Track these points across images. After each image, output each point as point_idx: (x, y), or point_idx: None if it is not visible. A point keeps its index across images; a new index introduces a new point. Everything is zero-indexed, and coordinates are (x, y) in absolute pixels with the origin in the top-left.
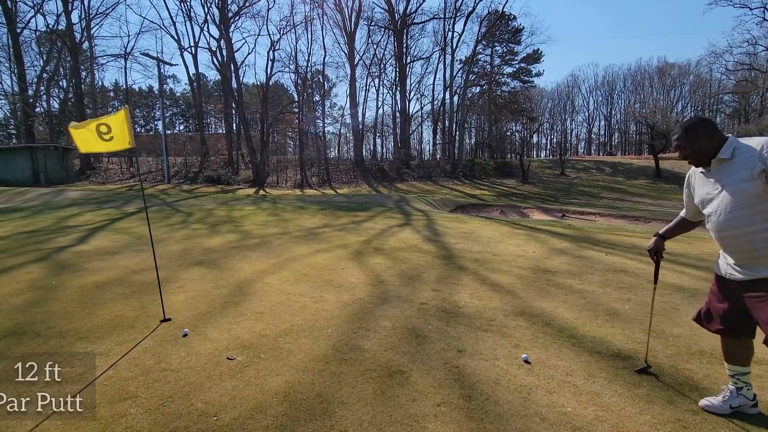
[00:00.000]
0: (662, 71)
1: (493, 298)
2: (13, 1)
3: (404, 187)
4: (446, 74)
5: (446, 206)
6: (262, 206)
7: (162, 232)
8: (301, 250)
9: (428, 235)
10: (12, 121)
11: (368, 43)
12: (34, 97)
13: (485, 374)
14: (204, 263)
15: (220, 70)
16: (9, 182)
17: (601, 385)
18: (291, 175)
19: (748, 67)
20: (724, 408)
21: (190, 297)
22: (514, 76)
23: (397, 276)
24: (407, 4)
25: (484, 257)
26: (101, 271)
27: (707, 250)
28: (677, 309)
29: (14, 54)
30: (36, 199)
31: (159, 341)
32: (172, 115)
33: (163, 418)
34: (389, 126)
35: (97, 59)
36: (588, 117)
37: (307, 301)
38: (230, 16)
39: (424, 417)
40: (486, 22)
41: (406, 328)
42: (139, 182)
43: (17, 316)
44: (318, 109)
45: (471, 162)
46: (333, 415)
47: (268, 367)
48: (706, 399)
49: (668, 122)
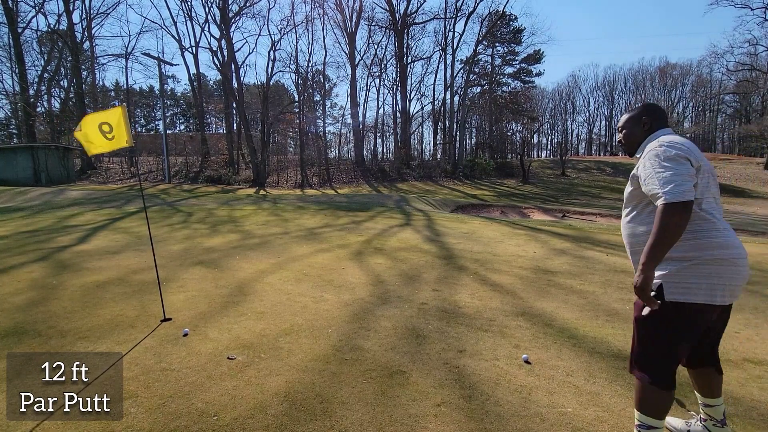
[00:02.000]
0: (664, 71)
1: (493, 298)
2: (14, 1)
3: (405, 187)
4: (447, 74)
5: (447, 206)
6: (263, 206)
7: (163, 231)
8: (302, 250)
9: (429, 235)
10: (13, 120)
11: (369, 43)
12: (35, 97)
13: (485, 374)
14: (204, 263)
15: (220, 69)
16: (10, 182)
17: (602, 386)
18: (291, 175)
19: (749, 67)
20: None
21: (190, 297)
22: (515, 77)
23: (397, 276)
24: (408, 4)
25: (485, 257)
26: (102, 270)
27: None
28: None
29: (15, 54)
30: (37, 198)
31: (159, 341)
32: (173, 115)
33: (164, 418)
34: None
35: (98, 59)
36: (589, 117)
37: (308, 301)
38: (231, 15)
39: (425, 417)
40: (487, 22)
41: (406, 328)
42: (140, 182)
43: (18, 315)
44: (318, 109)
45: (471, 162)
46: (333, 414)
47: (268, 366)
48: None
49: (669, 122)
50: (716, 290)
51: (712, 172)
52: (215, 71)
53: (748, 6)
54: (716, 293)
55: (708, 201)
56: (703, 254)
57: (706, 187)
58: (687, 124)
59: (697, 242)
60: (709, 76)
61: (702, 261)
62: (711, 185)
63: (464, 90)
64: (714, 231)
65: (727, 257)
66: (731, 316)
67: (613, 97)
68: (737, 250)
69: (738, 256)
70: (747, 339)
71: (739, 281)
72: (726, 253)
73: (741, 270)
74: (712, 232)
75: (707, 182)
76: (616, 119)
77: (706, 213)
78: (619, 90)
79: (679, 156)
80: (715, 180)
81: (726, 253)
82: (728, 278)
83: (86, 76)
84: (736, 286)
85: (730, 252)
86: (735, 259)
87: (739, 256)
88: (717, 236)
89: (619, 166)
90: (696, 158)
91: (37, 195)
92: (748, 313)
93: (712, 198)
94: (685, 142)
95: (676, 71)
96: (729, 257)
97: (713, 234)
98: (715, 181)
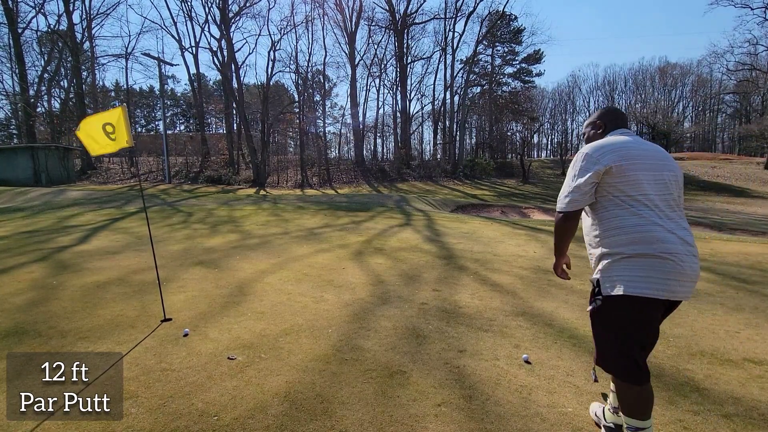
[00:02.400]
0: (664, 71)
1: (493, 298)
2: (14, 2)
3: (405, 187)
4: (447, 74)
5: (447, 206)
6: (263, 206)
7: (163, 231)
8: (302, 250)
9: (429, 235)
10: (13, 121)
11: (369, 43)
12: (35, 97)
13: (486, 374)
14: (204, 263)
15: (220, 70)
16: (10, 182)
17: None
18: (292, 175)
19: (749, 67)
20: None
21: (190, 297)
22: (515, 76)
23: (397, 276)
24: (408, 4)
25: (485, 257)
26: (102, 270)
27: (707, 250)
28: (678, 309)
29: (15, 54)
30: (37, 198)
31: (160, 341)
32: (173, 115)
33: (164, 418)
34: (390, 126)
35: (98, 59)
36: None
37: (308, 301)
38: (231, 16)
39: (425, 417)
40: (487, 22)
41: (406, 328)
42: (140, 182)
43: (18, 315)
44: (318, 109)
45: (471, 162)
46: (333, 415)
47: (268, 366)
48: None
49: (669, 122)
50: (640, 284)
51: (660, 173)
52: (215, 71)
53: (748, 6)
54: (643, 286)
55: (640, 196)
56: (627, 249)
57: (638, 182)
58: (687, 123)
59: (622, 238)
60: (709, 75)
61: (626, 256)
62: (646, 183)
63: (464, 90)
64: (640, 227)
65: (652, 252)
66: (731, 315)
67: (614, 97)
68: (667, 245)
69: (666, 250)
70: (747, 339)
71: (674, 276)
72: (651, 248)
73: (672, 265)
74: (637, 228)
75: (638, 180)
76: None
77: (636, 209)
78: (619, 90)
79: (587, 166)
80: (662, 178)
81: (651, 248)
82: (656, 272)
83: (86, 76)
84: (668, 281)
85: (655, 247)
86: (663, 254)
87: (668, 251)
88: (643, 231)
89: None
90: (613, 160)
91: (37, 195)
92: (749, 313)
93: (646, 195)
94: (607, 146)
95: (676, 71)
96: (654, 252)
97: (638, 230)
98: (657, 178)
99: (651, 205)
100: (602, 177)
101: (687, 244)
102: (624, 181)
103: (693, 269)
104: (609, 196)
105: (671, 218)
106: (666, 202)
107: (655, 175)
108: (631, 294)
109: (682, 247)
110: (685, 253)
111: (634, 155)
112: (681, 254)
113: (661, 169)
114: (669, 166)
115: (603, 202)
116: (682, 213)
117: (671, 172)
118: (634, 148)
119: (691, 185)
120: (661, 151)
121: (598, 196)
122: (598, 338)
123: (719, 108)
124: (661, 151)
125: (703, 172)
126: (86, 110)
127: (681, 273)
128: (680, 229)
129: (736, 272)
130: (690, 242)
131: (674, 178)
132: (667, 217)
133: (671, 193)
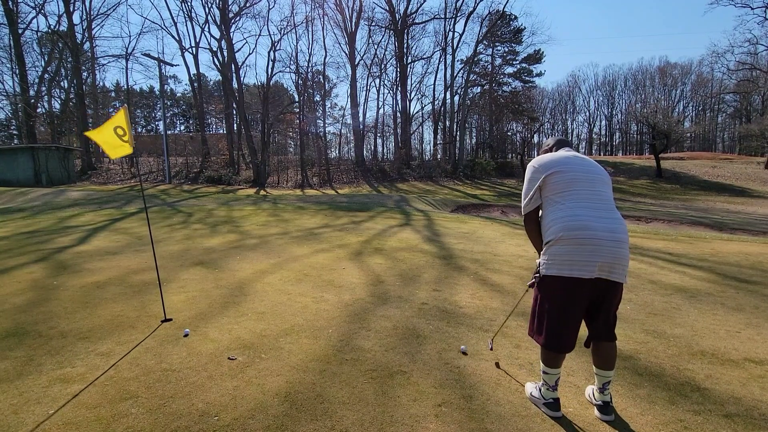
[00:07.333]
0: (664, 71)
1: (493, 298)
2: (14, 2)
3: (405, 187)
4: (447, 74)
5: (447, 206)
6: (263, 206)
7: (162, 232)
8: (302, 250)
9: (428, 236)
10: (14, 121)
11: (369, 43)
12: (35, 98)
13: (486, 374)
14: (204, 263)
15: (220, 70)
16: (10, 182)
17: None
18: (292, 175)
19: (749, 66)
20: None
21: (190, 297)
22: (515, 76)
23: (397, 276)
24: (408, 4)
25: (485, 257)
26: (102, 271)
27: (708, 250)
28: (678, 309)
29: (16, 55)
30: (37, 199)
31: (160, 341)
32: (173, 116)
33: (164, 418)
34: (390, 126)
35: (98, 60)
36: (589, 117)
37: (308, 301)
38: (231, 16)
39: (425, 417)
40: (487, 22)
41: (406, 328)
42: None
43: (19, 316)
44: (319, 110)
45: (472, 162)
46: (334, 415)
47: (268, 367)
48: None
49: (669, 122)
50: (564, 265)
51: (587, 175)
52: (215, 72)
53: (749, 5)
54: (567, 268)
55: (570, 195)
56: (556, 236)
57: (569, 184)
58: (687, 123)
59: (554, 227)
60: (710, 75)
61: (555, 242)
62: (576, 185)
63: (464, 90)
64: (567, 218)
65: (573, 237)
66: (732, 315)
67: (614, 97)
68: (588, 231)
69: (586, 236)
70: (748, 338)
71: (596, 258)
72: (573, 234)
73: (591, 248)
74: (565, 219)
75: (570, 179)
76: (616, 119)
77: (566, 205)
78: (620, 89)
79: (532, 175)
80: (590, 179)
81: (573, 234)
82: (578, 255)
83: (86, 76)
84: (590, 262)
85: (576, 233)
86: (583, 239)
87: (588, 236)
88: (568, 221)
89: (620, 166)
90: (551, 167)
91: (37, 196)
92: (749, 313)
93: (577, 193)
94: (546, 158)
95: (676, 71)
96: (575, 237)
97: (565, 220)
98: (586, 179)
99: (580, 201)
100: (544, 182)
101: (612, 232)
102: (559, 183)
103: (615, 253)
104: (549, 196)
105: (598, 210)
106: (592, 200)
107: (585, 176)
108: (556, 274)
109: (606, 233)
110: (609, 239)
111: (568, 163)
112: (603, 240)
113: (589, 173)
114: (596, 170)
115: (545, 202)
116: (612, 207)
117: (598, 176)
118: (569, 160)
119: (691, 185)
120: (592, 161)
121: (543, 197)
122: (532, 311)
123: (719, 108)
124: (592, 161)
125: (703, 171)
126: (86, 111)
127: (602, 256)
128: (606, 220)
129: (736, 272)
130: (615, 230)
131: (601, 180)
132: (594, 209)
133: (598, 191)
